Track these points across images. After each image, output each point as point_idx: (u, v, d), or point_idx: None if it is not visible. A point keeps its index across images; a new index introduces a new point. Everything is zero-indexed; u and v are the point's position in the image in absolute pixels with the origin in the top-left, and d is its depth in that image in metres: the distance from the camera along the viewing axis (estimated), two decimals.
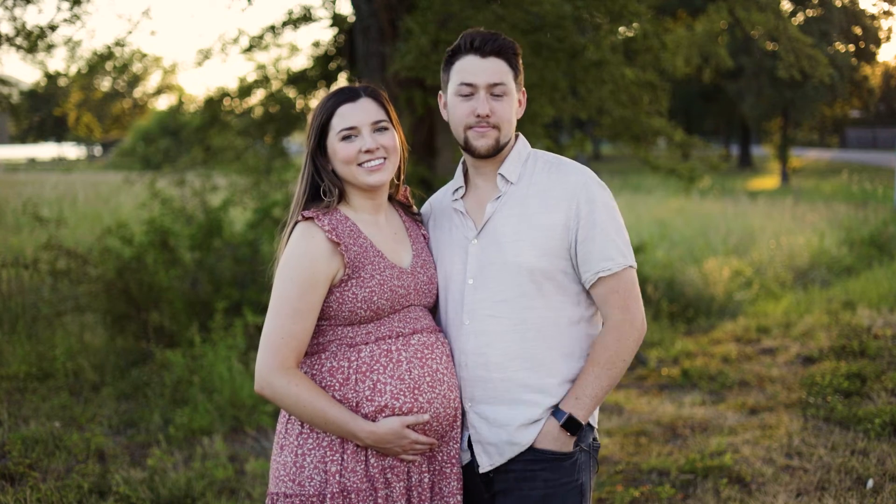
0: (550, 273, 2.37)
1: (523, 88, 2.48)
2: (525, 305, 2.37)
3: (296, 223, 2.39)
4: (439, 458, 2.43)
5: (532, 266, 2.36)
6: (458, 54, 2.42)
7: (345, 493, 2.30)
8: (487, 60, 2.37)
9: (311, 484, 2.32)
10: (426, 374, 2.35)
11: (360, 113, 2.39)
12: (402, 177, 2.57)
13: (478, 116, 2.36)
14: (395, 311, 2.39)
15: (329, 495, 2.30)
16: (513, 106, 2.42)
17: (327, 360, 2.37)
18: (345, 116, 2.38)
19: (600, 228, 2.35)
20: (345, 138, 2.38)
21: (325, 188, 2.41)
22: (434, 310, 2.56)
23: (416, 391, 2.33)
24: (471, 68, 2.38)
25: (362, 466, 2.33)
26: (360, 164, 2.38)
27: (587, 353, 2.42)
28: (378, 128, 2.40)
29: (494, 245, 2.40)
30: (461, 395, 2.43)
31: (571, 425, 2.34)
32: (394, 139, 2.43)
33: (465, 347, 2.41)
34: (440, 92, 2.51)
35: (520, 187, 2.43)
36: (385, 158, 2.40)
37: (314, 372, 2.38)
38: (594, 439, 2.47)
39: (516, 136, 2.52)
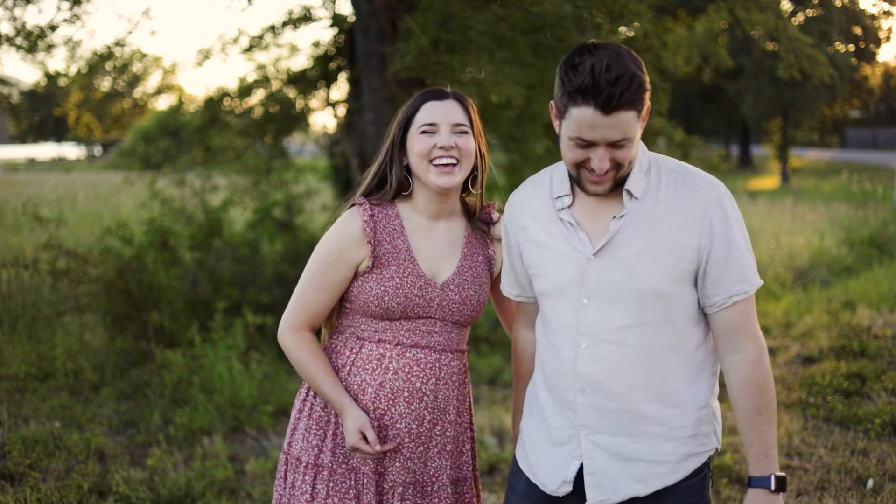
0: (678, 298, 2.14)
1: (647, 104, 2.10)
2: (652, 333, 2.14)
3: (351, 205, 2.49)
4: (420, 474, 2.49)
5: (661, 291, 2.12)
6: (579, 100, 2.01)
7: (318, 467, 2.46)
8: (611, 117, 2.00)
9: (295, 447, 2.51)
10: (405, 390, 2.43)
11: (443, 111, 2.42)
12: (481, 190, 2.57)
13: (592, 172, 2.09)
14: (408, 317, 2.43)
15: (304, 464, 2.47)
16: (632, 150, 2.09)
17: (338, 343, 2.52)
18: (429, 112, 2.43)
19: (736, 247, 2.14)
20: (424, 132, 2.41)
21: (390, 179, 2.47)
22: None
23: (391, 402, 2.42)
24: (588, 121, 2.01)
25: (341, 449, 2.47)
26: (431, 161, 2.40)
27: (712, 371, 2.24)
28: (458, 130, 2.43)
29: (618, 266, 2.13)
30: (574, 420, 2.21)
31: (781, 483, 2.13)
32: (470, 145, 2.44)
33: (581, 372, 2.18)
34: (554, 104, 2.14)
35: (645, 204, 2.15)
36: (458, 161, 2.41)
37: (327, 347, 2.55)
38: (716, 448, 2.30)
39: None
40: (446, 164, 2.40)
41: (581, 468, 2.21)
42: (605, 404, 2.16)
